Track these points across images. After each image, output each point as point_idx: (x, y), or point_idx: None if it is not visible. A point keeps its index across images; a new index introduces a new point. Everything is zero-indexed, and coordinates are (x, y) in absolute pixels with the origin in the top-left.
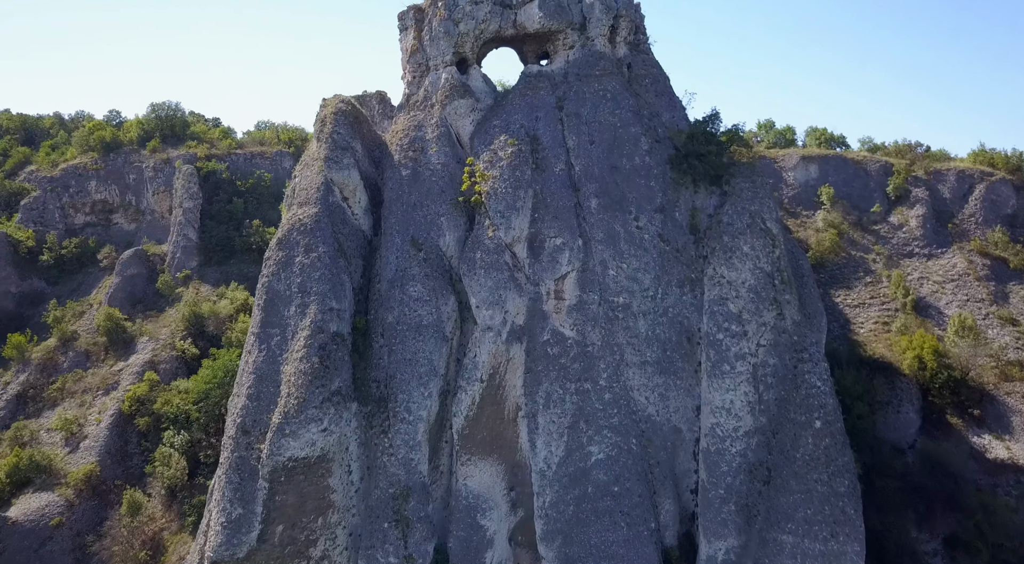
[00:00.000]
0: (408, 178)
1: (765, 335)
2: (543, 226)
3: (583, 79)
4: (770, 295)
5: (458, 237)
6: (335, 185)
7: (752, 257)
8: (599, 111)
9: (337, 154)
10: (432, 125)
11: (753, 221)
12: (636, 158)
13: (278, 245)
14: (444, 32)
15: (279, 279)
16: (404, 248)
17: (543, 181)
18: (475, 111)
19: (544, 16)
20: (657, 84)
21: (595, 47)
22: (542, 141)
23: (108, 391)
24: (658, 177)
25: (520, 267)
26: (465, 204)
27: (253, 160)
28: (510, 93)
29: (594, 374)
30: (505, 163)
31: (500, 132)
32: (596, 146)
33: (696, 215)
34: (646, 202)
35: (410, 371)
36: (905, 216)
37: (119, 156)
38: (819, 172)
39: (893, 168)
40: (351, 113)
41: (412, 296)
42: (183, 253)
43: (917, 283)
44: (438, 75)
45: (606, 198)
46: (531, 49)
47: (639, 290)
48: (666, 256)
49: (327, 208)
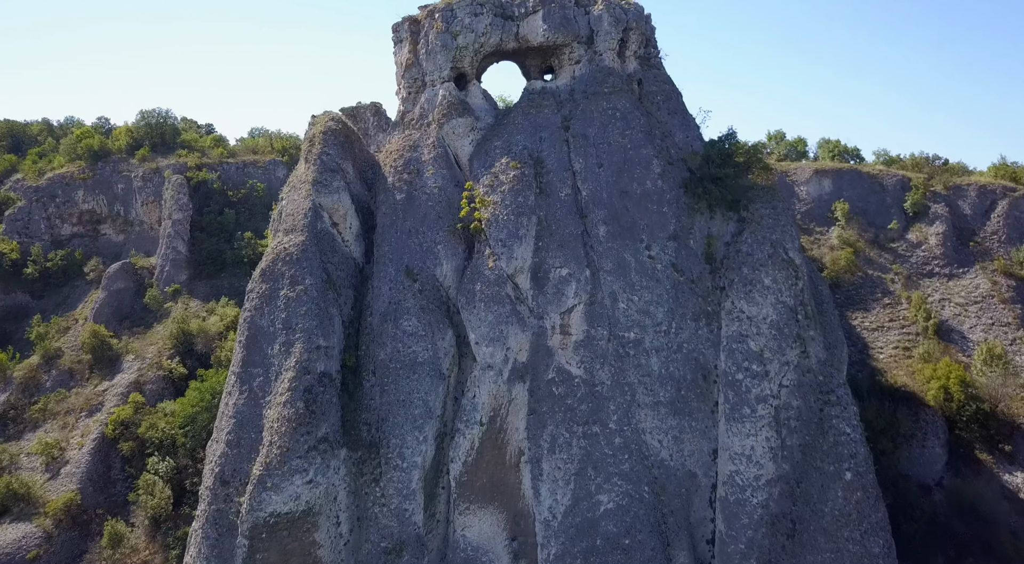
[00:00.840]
0: (402, 203)
1: (788, 375)
2: (548, 255)
3: (591, 97)
4: (793, 331)
5: (456, 266)
6: (324, 210)
7: (774, 290)
8: (608, 132)
9: (326, 177)
10: (428, 145)
11: (775, 251)
12: (648, 182)
13: (261, 277)
14: (441, 46)
15: (262, 314)
16: (398, 278)
17: (548, 207)
18: (474, 131)
19: (548, 29)
20: (670, 101)
21: (603, 62)
22: (547, 164)
23: (92, 412)
24: (671, 202)
25: (523, 299)
26: (464, 231)
27: (245, 169)
28: (512, 111)
29: (603, 416)
30: (507, 188)
31: (501, 154)
32: (605, 169)
33: (712, 243)
34: (659, 229)
35: (404, 413)
36: (924, 233)
37: (107, 165)
38: (833, 186)
39: (910, 183)
40: (342, 132)
41: (406, 331)
42: (172, 266)
43: (938, 305)
44: (435, 92)
45: (615, 225)
46: (534, 63)
47: (651, 324)
48: (680, 287)
49: (315, 236)
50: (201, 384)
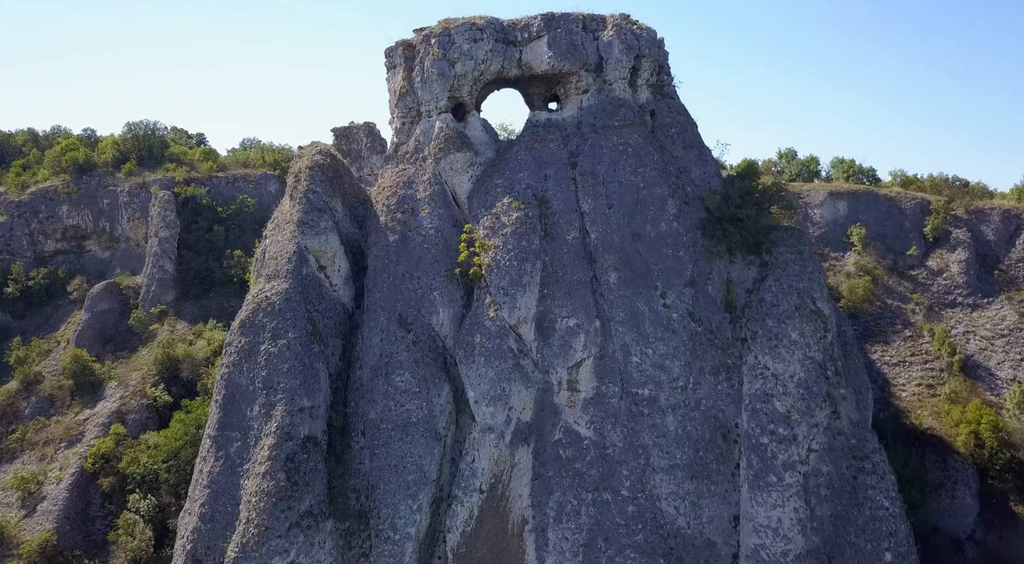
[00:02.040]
0: (396, 244)
1: (817, 438)
2: (554, 304)
3: (600, 131)
4: (822, 390)
5: (453, 314)
6: (310, 253)
7: (802, 345)
8: (619, 169)
9: (312, 217)
10: (424, 182)
11: (802, 302)
12: (662, 224)
13: (241, 329)
14: (438, 74)
15: (241, 371)
16: (390, 329)
17: (553, 251)
18: (474, 166)
19: (554, 56)
20: (685, 134)
21: (613, 92)
22: (552, 204)
23: (72, 443)
24: (688, 246)
25: (527, 352)
26: (462, 276)
27: (236, 184)
28: (514, 145)
29: (615, 482)
30: (509, 230)
31: (503, 193)
32: (615, 210)
33: (732, 289)
34: (674, 275)
35: (396, 480)
36: (945, 260)
37: (92, 179)
38: (848, 209)
39: (930, 206)
40: (330, 166)
41: (399, 387)
42: (158, 286)
43: (963, 338)
44: (431, 123)
45: (627, 271)
46: (538, 91)
47: (667, 380)
48: (698, 339)
49: (299, 283)
50: (186, 416)
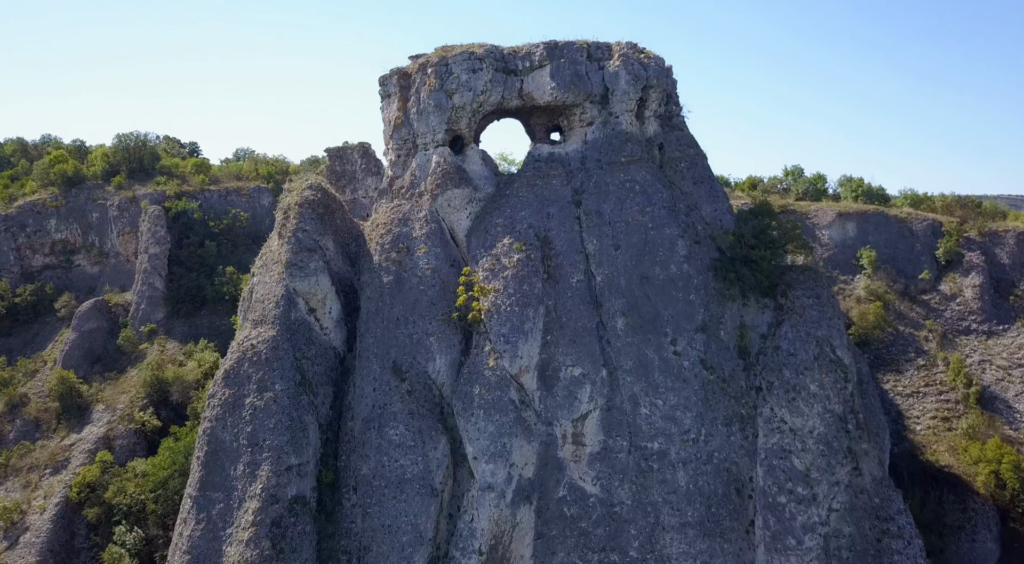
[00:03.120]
0: (390, 286)
1: (838, 497)
2: (558, 352)
3: (605, 167)
4: (843, 445)
5: (451, 361)
6: (299, 296)
7: (821, 398)
8: (626, 208)
9: (302, 258)
10: (420, 219)
11: (821, 351)
12: (672, 266)
13: (225, 380)
14: (435, 106)
15: (224, 426)
16: (383, 378)
17: (557, 295)
18: (473, 202)
19: (557, 87)
20: (695, 169)
21: (619, 126)
22: (555, 245)
23: (57, 470)
24: (699, 289)
25: (529, 403)
26: (460, 319)
27: (228, 197)
28: (515, 181)
29: (623, 542)
30: (510, 273)
31: (503, 232)
32: (622, 252)
33: (746, 334)
34: (685, 320)
35: (390, 541)
36: (958, 285)
37: (82, 192)
38: (857, 231)
39: (942, 227)
40: (320, 202)
41: (393, 441)
42: (148, 304)
43: (978, 368)
44: (427, 156)
45: (636, 316)
46: (540, 122)
47: (678, 433)
48: (710, 388)
49: (288, 329)
50: (174, 444)
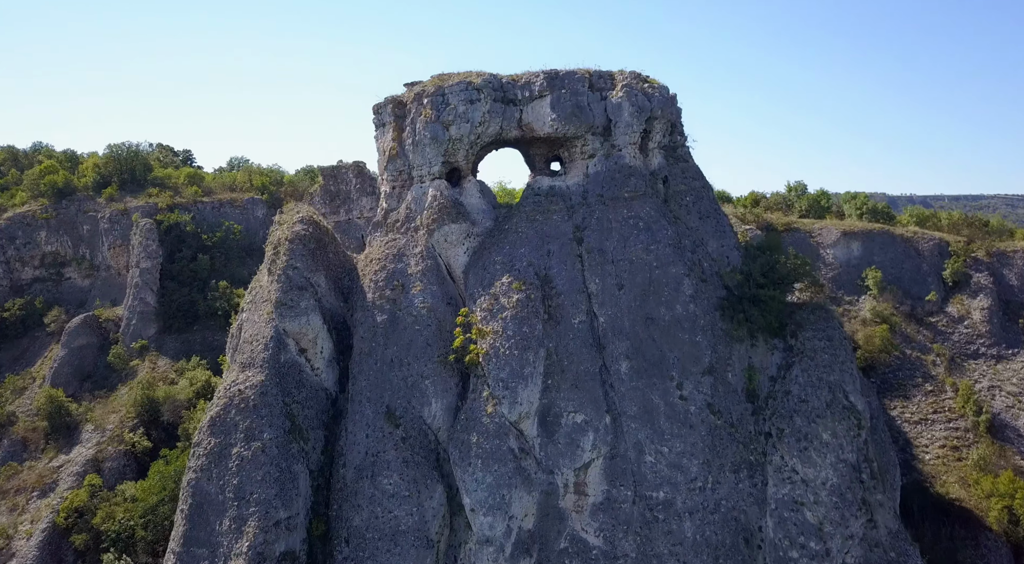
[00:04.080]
0: (384, 325)
1: (852, 551)
2: (559, 397)
3: (608, 203)
4: (857, 496)
5: (447, 405)
6: (289, 336)
7: (834, 447)
8: (629, 246)
9: (292, 297)
10: (416, 255)
11: (834, 397)
12: (678, 306)
13: (211, 429)
14: (431, 138)
15: (210, 477)
16: (377, 423)
17: (558, 337)
18: (470, 237)
19: (558, 119)
20: (700, 203)
21: (623, 159)
22: (556, 284)
23: (45, 493)
24: (705, 329)
25: (529, 450)
26: (457, 361)
27: (222, 209)
28: (514, 216)
29: None
30: (509, 314)
31: (502, 270)
32: (626, 292)
33: (754, 376)
34: (691, 363)
35: None
36: (966, 307)
37: (72, 204)
38: (862, 250)
39: (949, 247)
40: (312, 236)
41: (386, 491)
42: (139, 320)
43: (988, 394)
44: (423, 190)
45: (640, 360)
46: (539, 152)
47: (684, 481)
48: (717, 433)
49: (277, 373)
50: (164, 468)
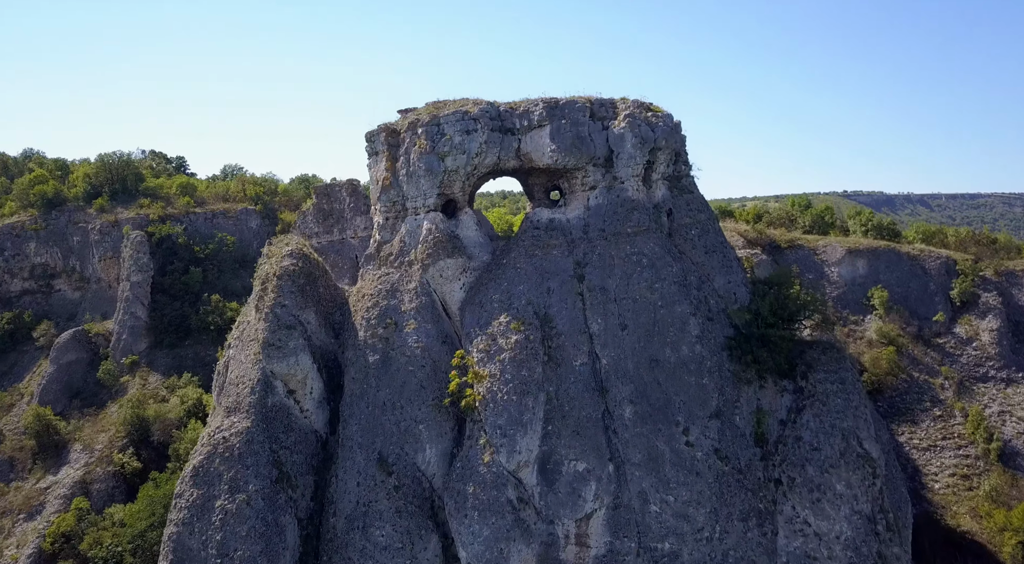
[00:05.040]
0: (376, 366)
1: None
2: (560, 444)
3: (610, 238)
4: (872, 549)
5: (442, 450)
6: (277, 378)
7: (849, 498)
8: (633, 284)
9: (280, 337)
10: (410, 292)
11: (848, 445)
12: (683, 347)
13: (193, 479)
14: (425, 169)
15: (191, 531)
16: (368, 471)
17: (559, 380)
18: (467, 272)
19: (557, 150)
20: (706, 236)
21: (625, 192)
22: (556, 324)
23: (31, 516)
24: (712, 371)
25: (528, 500)
26: (453, 404)
27: (215, 220)
28: (512, 249)
29: None
30: (507, 356)
31: (500, 308)
32: (630, 333)
33: (763, 420)
34: (698, 407)
35: None
36: (974, 328)
37: (62, 214)
38: (868, 268)
39: (956, 266)
40: (302, 271)
41: (378, 543)
42: (130, 334)
43: (998, 419)
44: (418, 222)
45: (645, 404)
46: (539, 182)
47: (690, 531)
48: (725, 480)
49: (264, 418)
50: (154, 491)
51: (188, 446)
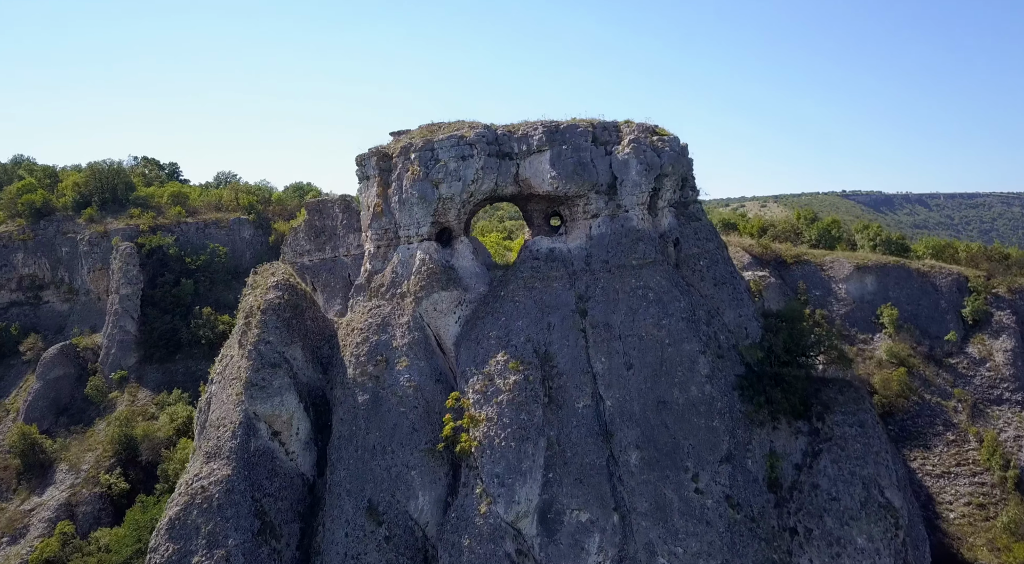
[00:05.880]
0: (366, 407)
1: None
2: (561, 492)
3: (614, 270)
4: None
5: (436, 497)
6: (261, 419)
7: (870, 553)
8: (638, 320)
9: (264, 376)
10: (402, 326)
11: (869, 495)
12: (692, 388)
13: (168, 533)
14: (419, 197)
15: None
16: (357, 520)
17: (560, 423)
18: (462, 305)
19: (558, 177)
20: (715, 267)
21: (630, 222)
22: (558, 363)
23: (15, 539)
24: (723, 413)
25: (527, 552)
26: (447, 449)
27: (207, 230)
28: (510, 281)
29: None
30: (505, 398)
31: (497, 345)
32: (636, 372)
33: (777, 464)
34: (707, 451)
35: None
36: (988, 347)
37: (51, 224)
38: (877, 285)
39: (968, 283)
40: (288, 304)
41: None
42: (119, 349)
43: (1014, 445)
44: (410, 252)
45: (651, 449)
46: (538, 207)
47: None
48: (737, 529)
49: (246, 464)
50: (140, 516)
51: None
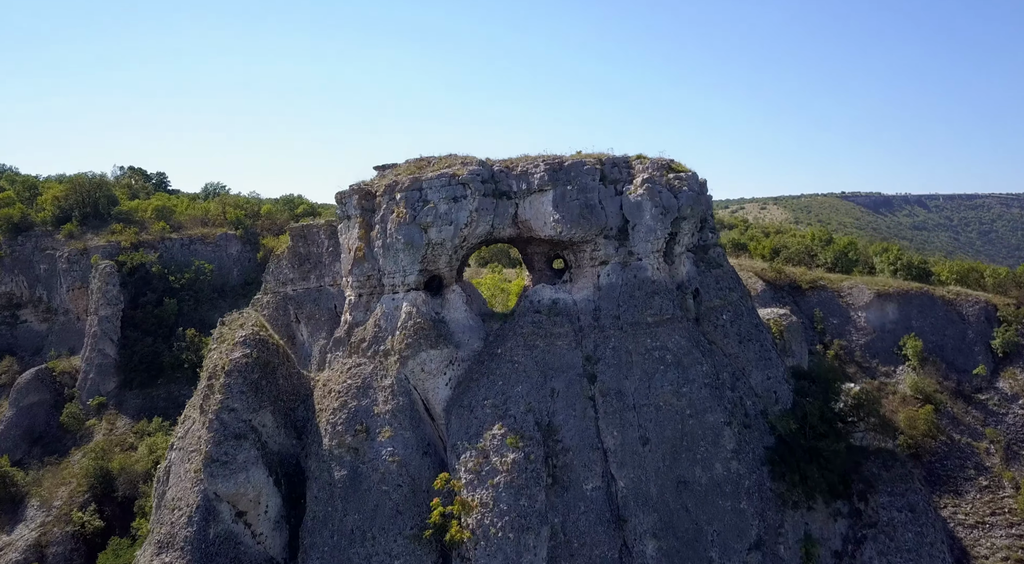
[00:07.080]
0: (343, 484)
1: None
2: None
3: (627, 329)
4: None
5: None
6: (223, 500)
7: None
8: (655, 387)
9: (227, 450)
10: (385, 389)
11: None
12: (717, 465)
13: None
14: (405, 242)
15: None
16: None
17: (566, 508)
18: (454, 364)
19: (562, 221)
20: (739, 321)
21: (644, 271)
22: (562, 436)
23: None
24: (751, 493)
25: None
26: (436, 536)
27: (192, 246)
28: (508, 337)
29: None
30: (502, 480)
31: (493, 415)
32: (653, 448)
33: (813, 550)
34: (734, 538)
35: None
36: (1020, 383)
37: (29, 240)
38: (899, 313)
39: (997, 312)
40: (255, 364)
41: None
42: (97, 373)
43: None
44: (395, 303)
45: (671, 537)
46: (539, 250)
47: None
48: None
49: (204, 555)
50: (114, 561)
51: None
